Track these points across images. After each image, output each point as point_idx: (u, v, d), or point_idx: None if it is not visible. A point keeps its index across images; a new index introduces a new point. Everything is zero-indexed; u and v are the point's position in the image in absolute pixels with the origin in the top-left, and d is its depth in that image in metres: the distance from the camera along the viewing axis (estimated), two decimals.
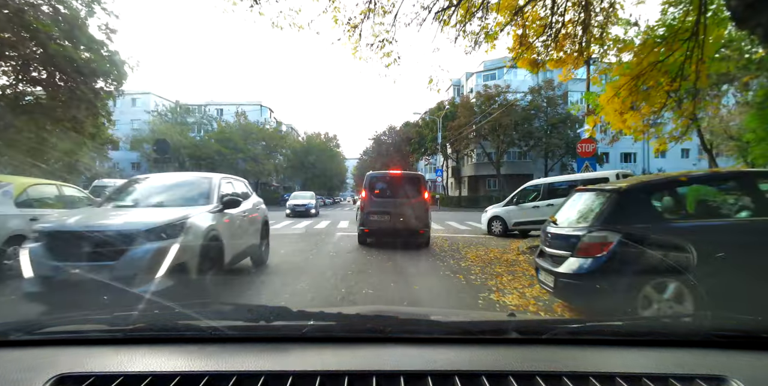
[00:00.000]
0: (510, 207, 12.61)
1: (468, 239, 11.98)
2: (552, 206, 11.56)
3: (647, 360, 1.02)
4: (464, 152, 41.96)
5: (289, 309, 1.20)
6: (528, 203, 12.29)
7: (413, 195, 10.49)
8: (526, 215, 12.14)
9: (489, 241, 11.66)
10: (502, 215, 12.65)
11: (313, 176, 52.32)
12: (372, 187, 10.70)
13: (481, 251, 9.71)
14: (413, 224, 10.08)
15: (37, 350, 1.07)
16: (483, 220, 13.40)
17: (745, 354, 1.06)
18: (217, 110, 52.19)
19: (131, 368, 0.95)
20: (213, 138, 41.97)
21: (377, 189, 10.75)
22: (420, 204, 10.31)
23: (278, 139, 45.78)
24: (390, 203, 10.21)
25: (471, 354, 1.05)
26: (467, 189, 45.13)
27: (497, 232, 12.74)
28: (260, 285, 5.80)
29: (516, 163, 40.25)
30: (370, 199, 10.40)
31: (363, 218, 10.42)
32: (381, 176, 11.22)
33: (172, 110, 46.82)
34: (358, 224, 10.90)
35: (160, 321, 1.24)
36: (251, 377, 0.90)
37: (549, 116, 36.33)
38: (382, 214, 10.27)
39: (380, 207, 10.22)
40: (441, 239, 11.90)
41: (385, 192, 10.70)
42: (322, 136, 55.13)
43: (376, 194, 10.62)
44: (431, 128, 40.44)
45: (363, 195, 10.75)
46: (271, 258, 7.66)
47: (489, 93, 35.82)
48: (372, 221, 10.22)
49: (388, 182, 10.97)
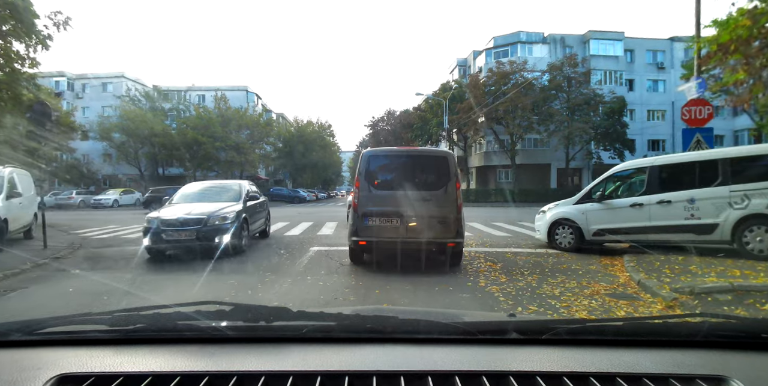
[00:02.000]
0: (588, 205, 7.96)
1: (524, 259, 7.40)
2: (668, 203, 6.98)
3: (647, 360, 0.99)
4: (473, 139, 37.20)
5: (289, 310, 1.17)
6: (622, 200, 7.67)
7: (437, 186, 6.27)
8: (619, 217, 7.54)
9: (564, 262, 7.09)
10: (575, 218, 8.03)
11: (303, 167, 47.38)
12: (370, 173, 6.33)
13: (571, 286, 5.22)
14: (438, 232, 6.12)
15: (37, 350, 1.07)
16: (539, 225, 8.78)
17: (745, 354, 1.04)
18: (199, 96, 47.19)
19: (131, 368, 0.94)
20: (188, 125, 37.00)
21: (379, 177, 6.33)
22: (447, 200, 6.19)
23: (263, 126, 40.79)
24: (400, 199, 6.08)
25: (471, 354, 1.03)
26: (475, 181, 40.48)
27: (566, 244, 8.13)
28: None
29: (532, 151, 35.57)
30: (367, 192, 6.14)
31: (356, 224, 6.20)
32: (385, 155, 6.74)
33: (146, 94, 41.82)
34: (349, 231, 6.45)
35: (160, 321, 1.21)
36: (251, 377, 0.89)
37: (571, 96, 31.55)
38: (387, 216, 6.13)
39: (384, 205, 6.11)
40: (477, 258, 7.35)
41: (392, 181, 6.31)
42: (314, 123, 49.86)
43: (378, 184, 6.14)
44: (435, 112, 35.67)
45: (356, 185, 6.31)
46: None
47: (503, 70, 30.99)
48: (371, 228, 6.13)
49: (398, 166, 6.55)
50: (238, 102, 43.40)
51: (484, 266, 6.64)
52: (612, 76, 35.33)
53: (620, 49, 35.88)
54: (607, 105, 31.04)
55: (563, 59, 31.70)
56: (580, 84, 31.68)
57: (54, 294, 5.35)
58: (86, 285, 5.76)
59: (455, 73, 43.78)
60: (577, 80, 31.54)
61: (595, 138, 31.45)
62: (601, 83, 33.91)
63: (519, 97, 29.68)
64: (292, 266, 6.63)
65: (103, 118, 39.01)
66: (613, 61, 35.56)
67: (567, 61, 31.12)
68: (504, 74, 30.87)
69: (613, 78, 35.33)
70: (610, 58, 35.53)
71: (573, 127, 30.16)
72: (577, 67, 31.25)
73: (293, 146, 45.37)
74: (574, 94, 31.51)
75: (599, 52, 35.47)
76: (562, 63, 31.20)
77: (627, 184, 8.05)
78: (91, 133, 38.80)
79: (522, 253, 7.98)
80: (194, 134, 35.66)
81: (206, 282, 5.75)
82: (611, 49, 35.75)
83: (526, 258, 7.41)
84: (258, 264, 6.95)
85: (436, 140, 38.38)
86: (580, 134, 30.12)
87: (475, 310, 4.40)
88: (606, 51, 35.65)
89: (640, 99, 36.78)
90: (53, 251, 8.30)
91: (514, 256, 7.64)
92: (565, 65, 31.08)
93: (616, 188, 8.07)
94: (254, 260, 7.36)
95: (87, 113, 44.33)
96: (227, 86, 46.90)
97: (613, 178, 8.01)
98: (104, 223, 15.65)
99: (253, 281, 5.71)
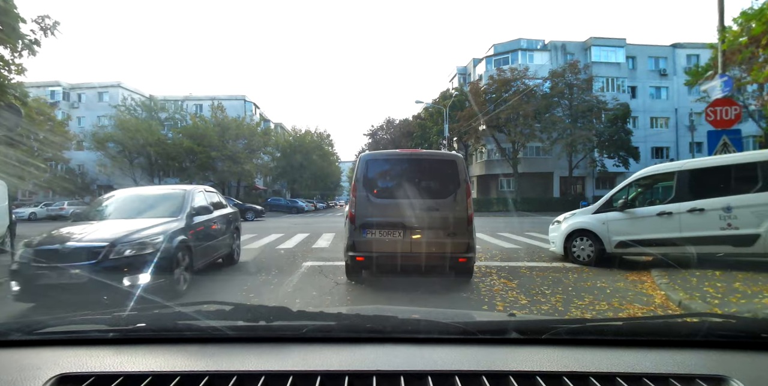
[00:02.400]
0: (609, 214, 7.21)
1: (541, 275, 6.63)
2: (700, 212, 6.27)
3: (647, 360, 0.99)
4: (474, 148, 36.57)
5: (289, 309, 1.16)
6: (648, 208, 6.93)
7: (444, 193, 5.67)
8: (645, 228, 6.79)
9: (586, 278, 6.31)
10: (595, 228, 7.28)
11: (301, 177, 46.58)
12: (369, 180, 5.64)
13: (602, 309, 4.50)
14: (447, 245, 5.39)
15: (37, 350, 1.07)
16: (554, 236, 8.03)
17: (745, 354, 1.04)
18: (197, 106, 46.64)
19: (131, 368, 0.94)
20: (183, 134, 36.39)
21: (380, 183, 5.64)
22: (457, 209, 5.54)
23: (261, 135, 40.13)
24: (403, 209, 5.47)
25: (471, 354, 1.03)
26: (476, 190, 39.77)
27: (585, 258, 7.38)
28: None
29: (534, 159, 34.92)
30: (366, 201, 5.42)
31: (353, 237, 5.50)
32: (386, 159, 6.01)
33: (142, 104, 41.26)
34: (345, 244, 5.67)
35: (160, 321, 1.22)
36: (251, 377, 0.89)
37: (574, 104, 30.99)
38: (388, 228, 5.45)
39: (385, 216, 5.52)
40: (490, 274, 6.58)
41: (393, 188, 5.61)
42: (313, 133, 49.08)
43: (378, 192, 5.45)
44: (435, 121, 35.14)
45: (353, 194, 5.60)
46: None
47: (504, 77, 30.49)
48: (370, 241, 5.43)
49: (400, 171, 5.85)
50: (235, 111, 42.81)
51: (498, 284, 5.87)
52: (614, 83, 34.84)
53: (622, 55, 35.47)
54: (611, 112, 30.44)
55: (565, 66, 31.22)
56: (583, 91, 31.15)
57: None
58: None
59: (455, 81, 43.34)
60: (579, 87, 31.01)
61: (598, 146, 30.81)
62: (603, 90, 33.38)
63: (521, 104, 29.12)
64: (279, 286, 5.82)
65: (98, 127, 38.40)
66: (615, 68, 35.11)
67: (569, 68, 30.63)
68: (505, 81, 30.36)
69: (615, 85, 34.84)
70: (611, 65, 35.08)
71: (576, 134, 29.53)
72: (579, 74, 30.75)
73: (291, 156, 44.67)
74: (577, 102, 30.95)
75: (601, 59, 35.02)
76: (564, 70, 30.70)
77: (652, 191, 7.32)
78: (85, 143, 38.23)
79: (538, 268, 7.21)
80: (190, 144, 35.02)
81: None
82: (613, 56, 35.33)
83: (544, 274, 6.64)
84: (241, 282, 6.16)
85: (436, 148, 37.77)
86: (583, 141, 29.48)
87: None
88: (608, 58, 35.22)
89: (642, 106, 36.26)
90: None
91: (529, 271, 6.87)
92: (567, 72, 30.58)
93: (640, 196, 7.34)
94: (237, 276, 6.59)
95: (83, 122, 43.88)
96: (225, 96, 46.39)
97: (639, 184, 7.27)
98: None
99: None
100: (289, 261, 7.91)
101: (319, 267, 7.15)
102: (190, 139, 35.59)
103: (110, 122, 38.50)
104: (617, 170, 32.12)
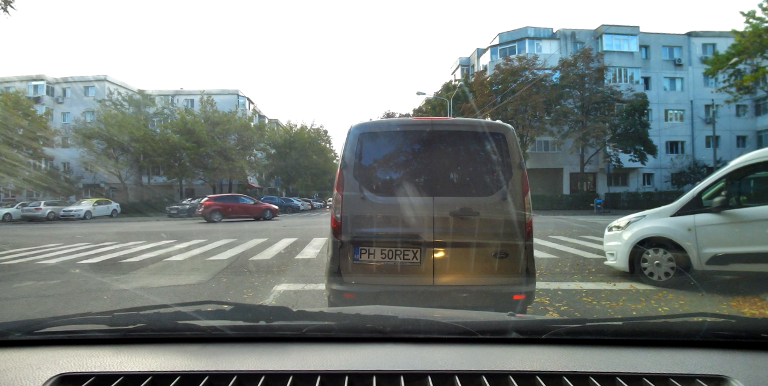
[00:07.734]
0: (698, 217, 5.21)
1: (610, 305, 4.65)
2: None
3: (647, 360, 0.97)
4: None
5: (289, 309, 1.15)
6: (754, 208, 4.94)
7: (486, 187, 3.36)
8: (756, 237, 4.80)
9: (675, 308, 4.34)
10: (676, 236, 5.29)
11: (297, 175, 44.44)
12: (364, 167, 3.43)
13: None
14: (494, 273, 3.17)
15: (37, 350, 1.06)
16: (613, 246, 6.04)
17: (745, 354, 1.01)
18: (188, 101, 44.51)
19: (131, 368, 0.93)
20: (171, 129, 34.33)
21: (381, 173, 3.51)
22: (507, 213, 3.26)
23: (253, 131, 38.07)
24: (419, 213, 3.24)
25: (471, 354, 1.02)
26: None
27: (661, 276, 5.40)
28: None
29: (543, 155, 32.97)
30: (358, 201, 3.30)
31: (339, 259, 3.26)
32: (392, 132, 3.57)
33: (129, 98, 39.15)
34: (327, 270, 3.37)
35: (160, 321, 1.18)
36: (251, 377, 0.88)
37: (586, 94, 28.96)
38: (396, 246, 3.24)
39: (390, 225, 3.27)
40: (541, 303, 4.58)
41: (404, 181, 3.45)
42: (308, 128, 46.83)
43: (379, 187, 3.37)
44: (438, 113, 33.10)
45: (337, 189, 3.35)
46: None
47: (512, 67, 28.48)
48: (366, 266, 3.25)
49: (413, 151, 3.65)
50: (228, 106, 40.71)
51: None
52: (626, 74, 32.82)
53: (635, 44, 33.40)
54: (627, 104, 28.41)
55: (577, 54, 29.21)
56: (595, 81, 29.13)
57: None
58: None
59: (458, 73, 41.31)
60: (591, 77, 29.00)
61: (613, 139, 28.80)
62: (615, 80, 31.35)
63: (530, 95, 27.11)
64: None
65: (81, 123, 36.30)
66: (627, 58, 33.05)
67: (581, 57, 28.61)
68: (512, 71, 28.36)
69: (627, 76, 32.81)
70: (624, 55, 33.01)
71: (589, 127, 27.53)
72: (592, 63, 28.74)
73: (286, 153, 42.56)
74: (589, 93, 28.93)
75: (613, 48, 32.96)
76: (575, 58, 28.69)
77: (757, 185, 5.34)
78: (69, 139, 36.18)
79: (600, 291, 5.21)
80: (178, 140, 32.96)
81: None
82: (625, 45, 33.26)
83: (614, 305, 4.64)
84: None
85: None
86: (597, 134, 27.43)
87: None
88: (620, 47, 33.15)
89: (657, 98, 34.18)
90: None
91: (591, 298, 4.88)
92: (579, 61, 28.57)
93: (743, 191, 5.36)
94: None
95: (68, 118, 41.70)
96: (217, 90, 44.24)
97: (743, 173, 5.24)
98: (48, 240, 12.88)
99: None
100: (257, 283, 5.82)
101: (295, 294, 5.13)
102: (178, 134, 33.52)
103: (93, 117, 36.45)
104: (633, 165, 30.17)
